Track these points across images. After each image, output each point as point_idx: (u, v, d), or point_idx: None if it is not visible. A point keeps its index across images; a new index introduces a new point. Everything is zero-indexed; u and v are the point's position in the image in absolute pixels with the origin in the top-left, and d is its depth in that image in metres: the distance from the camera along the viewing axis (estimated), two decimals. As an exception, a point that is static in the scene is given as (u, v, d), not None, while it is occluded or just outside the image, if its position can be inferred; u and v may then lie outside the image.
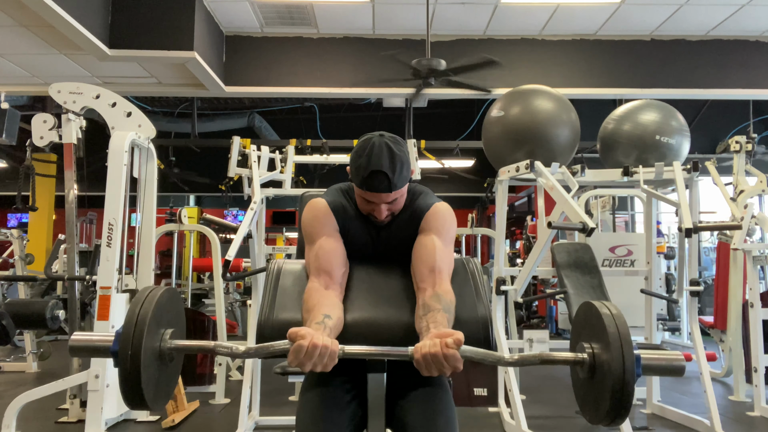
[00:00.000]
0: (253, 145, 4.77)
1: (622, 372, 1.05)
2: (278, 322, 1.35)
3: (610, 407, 1.06)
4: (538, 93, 3.73)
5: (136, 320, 1.07)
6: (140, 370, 1.05)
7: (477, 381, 4.09)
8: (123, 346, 1.05)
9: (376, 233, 1.59)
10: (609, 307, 1.13)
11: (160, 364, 1.14)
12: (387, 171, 1.45)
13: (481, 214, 12.78)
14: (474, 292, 1.42)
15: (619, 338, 1.07)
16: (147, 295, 1.12)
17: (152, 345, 1.10)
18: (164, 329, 1.15)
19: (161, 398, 1.16)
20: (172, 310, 1.20)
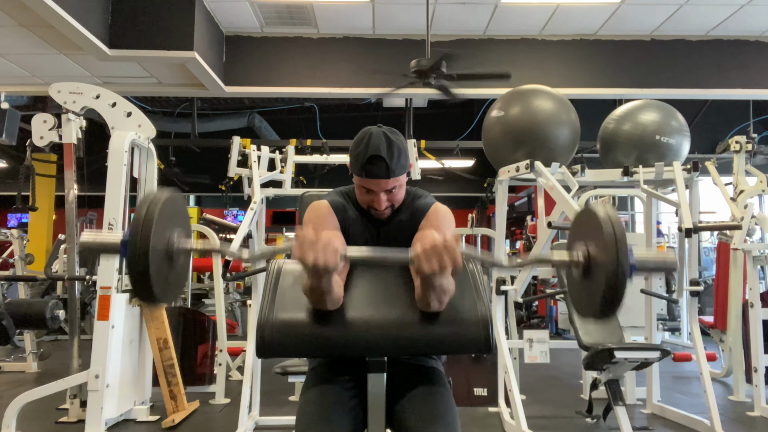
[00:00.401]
0: (253, 145, 4.77)
1: (616, 267, 1.08)
2: (278, 322, 1.35)
3: (603, 301, 1.11)
4: (538, 93, 3.73)
5: (143, 220, 1.11)
6: (149, 265, 1.09)
7: (477, 381, 4.09)
8: (132, 244, 1.09)
9: (376, 233, 1.60)
10: (607, 211, 1.17)
11: (167, 262, 1.18)
12: (385, 156, 1.47)
13: (481, 214, 12.78)
14: (474, 292, 1.42)
15: (614, 236, 1.10)
16: (154, 197, 1.16)
17: (159, 243, 1.14)
18: (171, 229, 1.19)
19: (170, 293, 1.22)
20: (179, 212, 1.25)
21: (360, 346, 1.35)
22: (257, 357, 1.51)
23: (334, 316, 1.36)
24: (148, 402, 3.87)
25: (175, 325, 4.22)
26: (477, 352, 1.39)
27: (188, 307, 5.75)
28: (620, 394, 3.12)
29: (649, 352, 3.08)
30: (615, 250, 1.10)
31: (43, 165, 8.11)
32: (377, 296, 1.42)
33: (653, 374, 3.92)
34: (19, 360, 5.56)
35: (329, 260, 1.15)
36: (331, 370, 1.51)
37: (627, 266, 1.09)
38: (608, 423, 3.44)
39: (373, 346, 1.35)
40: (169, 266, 1.19)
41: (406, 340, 1.35)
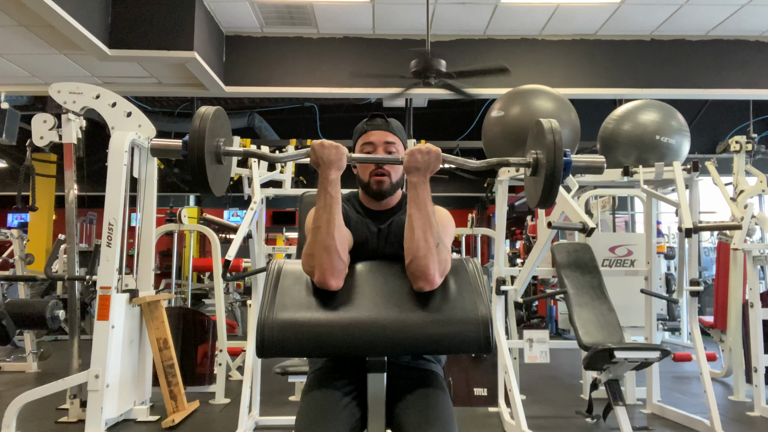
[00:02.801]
0: (253, 145, 4.77)
1: (553, 165, 1.41)
2: (278, 322, 1.35)
3: (544, 191, 1.45)
4: (538, 93, 3.73)
5: (198, 129, 1.40)
6: (204, 163, 1.39)
7: (477, 381, 4.09)
8: (191, 148, 1.39)
9: (376, 232, 1.60)
10: (552, 123, 1.46)
11: (216, 163, 1.48)
12: (384, 116, 1.66)
13: (481, 214, 12.78)
14: (474, 292, 1.42)
15: (554, 144, 1.42)
16: (204, 112, 1.44)
17: (211, 147, 1.43)
18: (218, 138, 1.48)
19: (219, 187, 1.52)
20: (223, 125, 1.52)
21: (360, 346, 1.35)
22: (257, 357, 1.51)
23: (335, 316, 1.36)
24: (148, 402, 3.87)
25: (175, 325, 4.22)
26: (477, 352, 1.39)
27: (188, 307, 5.75)
28: (620, 394, 3.12)
29: (649, 352, 3.08)
30: (554, 152, 1.41)
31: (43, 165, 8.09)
32: (377, 296, 1.42)
33: (653, 374, 3.92)
34: (19, 360, 5.56)
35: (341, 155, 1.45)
36: (331, 373, 1.51)
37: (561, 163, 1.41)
38: (608, 423, 3.44)
39: (373, 345, 1.35)
40: (218, 166, 1.49)
41: (406, 340, 1.35)
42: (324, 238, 1.39)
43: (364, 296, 1.41)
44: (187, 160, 1.40)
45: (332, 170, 1.44)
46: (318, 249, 1.39)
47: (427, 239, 1.40)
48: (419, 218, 1.43)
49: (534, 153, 1.50)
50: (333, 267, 1.38)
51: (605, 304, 3.55)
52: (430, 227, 1.42)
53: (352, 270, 1.49)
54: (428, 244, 1.40)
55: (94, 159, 4.22)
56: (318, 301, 1.40)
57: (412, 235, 1.42)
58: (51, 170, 8.62)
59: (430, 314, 1.37)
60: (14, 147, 5.04)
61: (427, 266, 1.38)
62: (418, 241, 1.40)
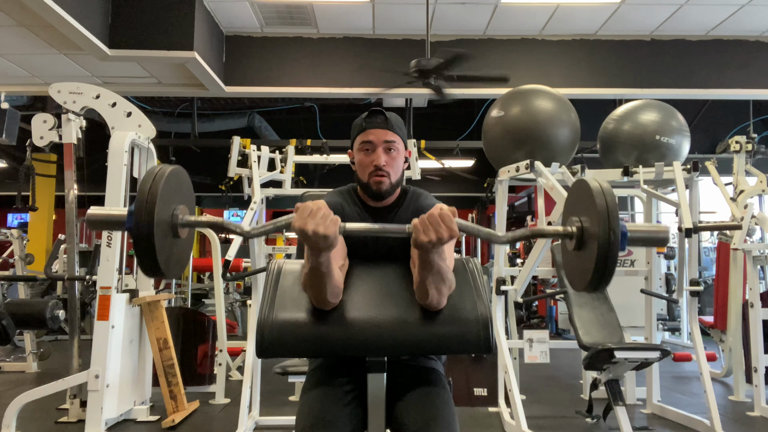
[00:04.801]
0: (253, 145, 4.77)
1: (608, 238, 1.10)
2: (278, 322, 1.35)
3: (596, 272, 1.12)
4: (538, 93, 3.73)
5: (147, 194, 1.12)
6: (153, 238, 1.10)
7: (477, 381, 4.09)
8: (137, 217, 1.11)
9: (375, 232, 1.59)
10: (600, 183, 1.17)
11: (171, 237, 1.19)
12: (383, 112, 1.57)
13: (481, 214, 12.78)
14: (474, 292, 1.42)
15: (607, 208, 1.12)
16: (158, 171, 1.16)
17: (164, 217, 1.15)
18: (176, 204, 1.20)
19: (174, 267, 1.22)
20: (183, 187, 1.26)
21: (360, 346, 1.35)
22: (257, 357, 1.50)
23: (334, 316, 1.36)
24: (148, 402, 3.87)
25: (175, 325, 4.22)
26: (477, 352, 1.38)
27: (188, 307, 5.75)
28: (620, 394, 3.12)
29: (649, 352, 3.08)
30: (607, 219, 1.11)
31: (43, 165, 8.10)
32: (377, 296, 1.42)
33: (653, 374, 3.92)
34: (19, 360, 5.56)
35: (329, 229, 1.19)
36: (330, 372, 1.51)
37: (618, 235, 1.10)
38: (608, 423, 3.44)
39: (373, 345, 1.35)
40: (173, 240, 1.20)
41: (406, 340, 1.34)
42: (315, 294, 1.35)
43: (364, 296, 1.41)
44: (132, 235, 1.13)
45: (321, 254, 1.25)
46: (310, 294, 1.36)
47: (441, 292, 1.34)
48: (433, 282, 1.31)
49: (578, 221, 1.20)
50: (326, 305, 1.36)
51: (605, 304, 3.55)
52: (444, 283, 1.33)
53: (352, 270, 1.49)
54: (441, 294, 1.34)
55: (94, 159, 4.22)
56: (318, 301, 1.39)
57: (426, 295, 1.33)
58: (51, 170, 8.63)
59: (429, 314, 1.36)
60: (14, 147, 5.04)
61: (439, 304, 1.36)
62: (432, 297, 1.33)
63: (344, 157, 5.40)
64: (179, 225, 1.20)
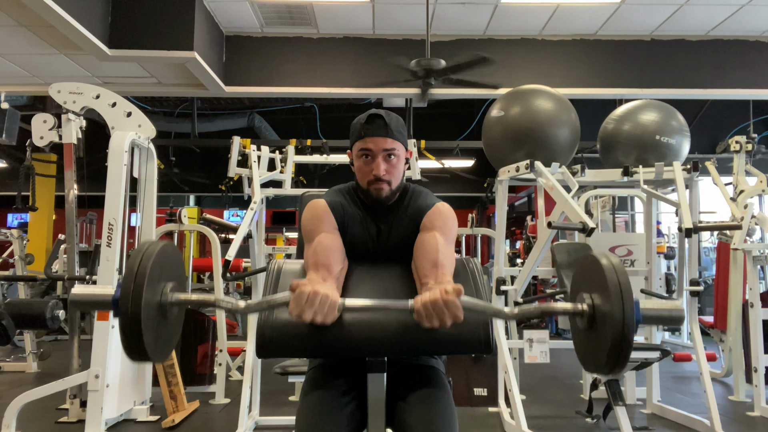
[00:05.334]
0: (253, 145, 4.77)
1: (621, 321, 1.04)
2: (278, 322, 1.35)
3: (610, 356, 1.07)
4: (538, 93, 3.73)
5: (135, 273, 1.06)
6: (141, 322, 1.04)
7: (477, 381, 4.09)
8: (123, 299, 1.05)
9: (375, 231, 1.59)
10: (609, 257, 1.12)
11: (160, 317, 1.13)
12: (383, 116, 1.51)
13: (481, 214, 12.78)
14: (474, 292, 1.42)
15: (620, 288, 1.06)
16: (146, 249, 1.11)
17: (153, 298, 1.09)
18: (165, 282, 1.14)
19: (162, 351, 1.16)
20: (172, 263, 1.19)
21: (360, 346, 1.35)
22: (257, 357, 1.50)
23: (334, 316, 1.36)
24: (148, 402, 3.87)
25: (175, 325, 4.22)
26: (477, 353, 1.38)
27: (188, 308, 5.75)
28: (620, 394, 3.12)
29: (649, 352, 3.08)
30: (621, 302, 1.05)
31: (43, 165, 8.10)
32: (377, 296, 1.42)
33: (653, 374, 3.92)
34: (19, 360, 5.56)
35: (327, 316, 1.17)
36: (330, 372, 1.51)
37: (633, 320, 1.05)
38: (608, 423, 3.44)
39: (373, 346, 1.35)
40: (162, 321, 1.14)
41: (406, 340, 1.34)
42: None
43: (364, 296, 1.41)
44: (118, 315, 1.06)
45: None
46: None
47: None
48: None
49: (588, 298, 1.15)
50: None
51: (605, 304, 3.54)
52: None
53: (352, 271, 1.49)
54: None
55: (94, 159, 4.21)
56: (318, 301, 1.39)
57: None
58: (51, 170, 8.63)
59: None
60: (14, 147, 5.04)
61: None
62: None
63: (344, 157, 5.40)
64: (168, 305, 1.14)
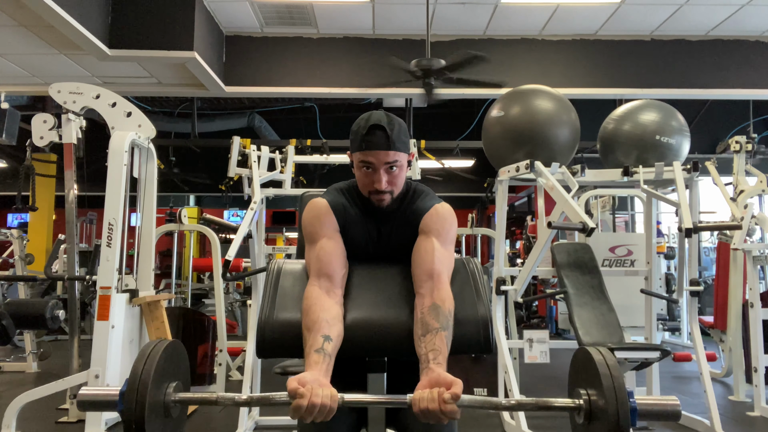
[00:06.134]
0: (253, 145, 4.77)
1: (616, 420, 1.08)
2: (278, 322, 1.35)
3: None
4: (538, 93, 3.73)
5: (140, 375, 1.11)
6: (144, 424, 1.08)
7: (477, 381, 4.09)
8: (128, 402, 1.09)
9: (376, 232, 1.59)
10: (603, 353, 1.16)
11: (164, 416, 1.17)
12: (386, 126, 1.46)
13: (481, 214, 12.78)
14: (474, 292, 1.42)
15: (614, 386, 1.10)
16: (152, 349, 1.15)
17: (156, 398, 1.13)
18: (168, 382, 1.18)
19: None
20: (177, 362, 1.23)
21: (360, 346, 1.35)
22: (257, 357, 1.50)
23: (334, 317, 1.36)
24: (148, 402, 3.87)
25: (175, 325, 4.22)
26: (477, 352, 1.39)
27: (188, 307, 5.75)
28: (620, 394, 3.12)
29: (649, 352, 3.08)
30: (614, 397, 1.09)
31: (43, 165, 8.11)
32: (377, 296, 1.42)
33: (653, 374, 3.92)
34: (19, 360, 5.56)
35: (328, 417, 1.19)
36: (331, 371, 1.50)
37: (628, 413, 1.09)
38: (608, 423, 3.44)
39: (373, 345, 1.35)
40: (165, 420, 1.17)
41: (406, 340, 1.34)
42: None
43: (364, 297, 1.41)
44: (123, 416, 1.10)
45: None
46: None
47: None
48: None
49: (585, 394, 1.18)
50: None
51: (605, 304, 3.55)
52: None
53: (352, 271, 1.49)
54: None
55: (94, 159, 4.22)
56: (318, 301, 1.39)
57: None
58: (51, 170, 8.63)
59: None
60: (14, 147, 5.04)
61: None
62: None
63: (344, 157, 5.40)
64: (172, 404, 1.17)
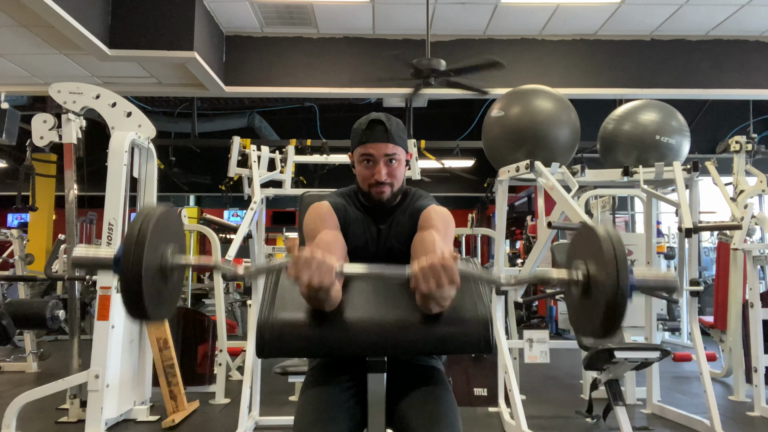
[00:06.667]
0: (253, 145, 4.77)
1: (616, 287, 1.06)
2: (278, 322, 1.35)
3: (604, 321, 1.10)
4: (538, 93, 3.73)
5: (137, 236, 1.09)
6: (141, 283, 1.08)
7: (477, 381, 4.09)
8: (125, 261, 1.08)
9: (376, 232, 1.60)
10: (608, 229, 1.14)
11: (161, 279, 1.16)
12: (384, 121, 1.53)
13: (481, 214, 12.77)
14: (474, 292, 1.42)
15: (615, 259, 1.08)
16: (147, 213, 1.14)
17: (153, 260, 1.12)
18: (165, 245, 1.17)
19: (162, 311, 1.19)
20: (173, 227, 1.22)
21: (360, 346, 1.35)
22: (257, 357, 1.50)
23: (335, 317, 1.36)
24: (148, 402, 3.87)
25: (175, 325, 4.22)
26: (477, 352, 1.38)
27: (188, 307, 5.75)
28: (620, 394, 3.12)
29: (649, 352, 3.08)
30: (615, 269, 1.07)
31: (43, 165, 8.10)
32: (377, 296, 1.42)
33: (653, 374, 3.92)
34: (19, 360, 5.56)
35: (324, 279, 1.15)
36: (330, 371, 1.51)
37: (627, 286, 1.07)
38: (608, 423, 3.44)
39: (373, 345, 1.35)
40: (163, 282, 1.17)
41: (406, 340, 1.34)
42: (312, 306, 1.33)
43: (365, 297, 1.41)
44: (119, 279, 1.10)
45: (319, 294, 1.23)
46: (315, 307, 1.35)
47: (442, 305, 1.31)
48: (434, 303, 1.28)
49: (583, 266, 1.16)
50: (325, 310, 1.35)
51: (605, 304, 3.54)
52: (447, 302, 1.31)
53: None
54: (443, 307, 1.32)
55: (94, 159, 4.22)
56: (318, 301, 1.39)
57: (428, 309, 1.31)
58: (51, 170, 8.62)
59: (430, 315, 1.36)
60: (14, 147, 5.04)
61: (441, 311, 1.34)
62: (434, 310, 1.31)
63: (344, 157, 5.40)
64: (169, 267, 1.17)
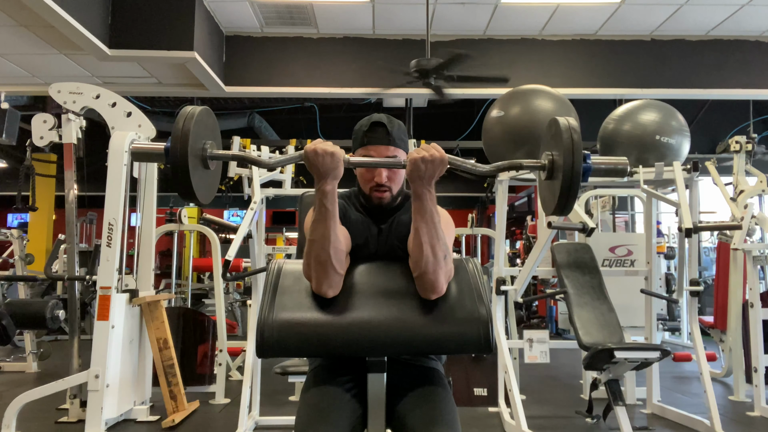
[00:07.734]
0: (253, 145, 4.78)
1: (571, 170, 1.28)
2: (278, 322, 1.35)
3: (560, 199, 1.32)
4: (538, 93, 3.73)
5: (181, 131, 1.33)
6: (188, 169, 1.31)
7: (477, 381, 4.09)
8: (173, 151, 1.32)
9: (376, 232, 1.60)
10: (568, 120, 1.33)
11: (202, 167, 1.40)
12: (386, 123, 1.55)
13: (481, 214, 12.78)
14: (474, 292, 1.42)
15: (572, 145, 1.29)
16: (188, 113, 1.36)
17: (195, 151, 1.36)
18: (204, 140, 1.40)
19: (206, 194, 1.43)
20: (209, 125, 1.45)
21: (360, 346, 1.35)
22: (257, 357, 1.51)
23: (335, 316, 1.36)
24: (148, 402, 3.87)
25: (175, 325, 4.22)
26: (477, 352, 1.39)
27: (188, 307, 5.75)
28: (620, 394, 3.12)
29: (649, 352, 3.08)
30: (571, 153, 1.28)
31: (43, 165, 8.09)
32: (377, 296, 1.42)
33: (653, 374, 3.92)
34: (19, 360, 5.56)
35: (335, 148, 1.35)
36: (330, 371, 1.51)
37: (580, 166, 1.28)
38: (608, 423, 3.44)
39: (373, 345, 1.35)
40: (204, 170, 1.41)
41: (406, 340, 1.35)
42: (319, 253, 1.37)
43: (364, 296, 1.41)
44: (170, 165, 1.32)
45: (327, 181, 1.37)
46: (313, 262, 1.38)
47: (435, 253, 1.37)
48: (426, 232, 1.37)
49: (549, 154, 1.37)
50: (328, 280, 1.38)
51: (605, 304, 3.55)
52: (438, 240, 1.38)
53: (352, 270, 1.49)
54: (437, 258, 1.37)
55: (94, 159, 4.22)
56: (318, 301, 1.40)
57: (420, 252, 1.38)
58: (51, 170, 8.62)
59: (430, 314, 1.37)
60: (14, 147, 5.04)
61: (436, 280, 1.37)
62: (427, 258, 1.37)
63: (344, 157, 5.40)
64: (209, 157, 1.40)
